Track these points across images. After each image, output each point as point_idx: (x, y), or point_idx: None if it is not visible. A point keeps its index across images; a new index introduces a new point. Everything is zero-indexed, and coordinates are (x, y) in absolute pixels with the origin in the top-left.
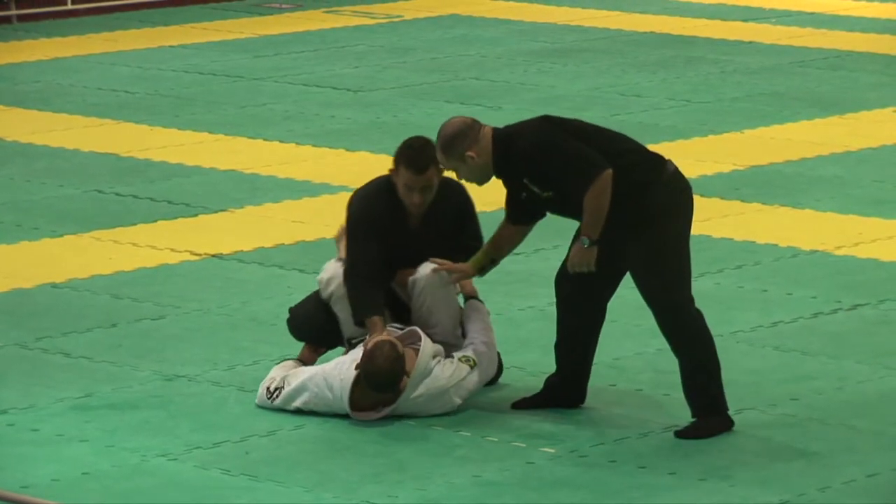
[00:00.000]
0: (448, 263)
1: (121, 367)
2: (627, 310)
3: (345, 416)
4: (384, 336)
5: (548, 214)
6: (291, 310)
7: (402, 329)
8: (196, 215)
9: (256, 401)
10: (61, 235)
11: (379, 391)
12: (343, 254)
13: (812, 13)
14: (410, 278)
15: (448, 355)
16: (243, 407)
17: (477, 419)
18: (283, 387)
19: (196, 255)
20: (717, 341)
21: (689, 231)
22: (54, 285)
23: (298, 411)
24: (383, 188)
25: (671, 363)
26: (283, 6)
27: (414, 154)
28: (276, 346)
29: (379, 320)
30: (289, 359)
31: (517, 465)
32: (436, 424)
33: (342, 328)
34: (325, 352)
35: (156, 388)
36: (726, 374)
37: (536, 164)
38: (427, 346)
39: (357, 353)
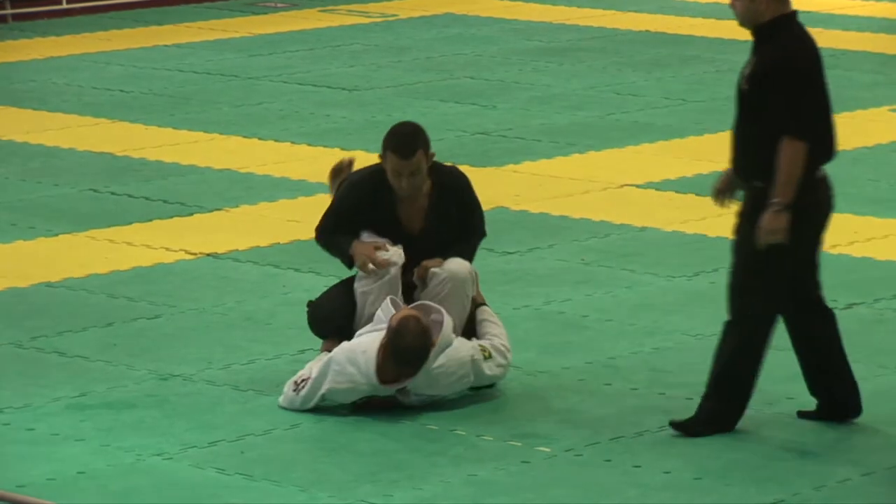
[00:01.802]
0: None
1: (116, 366)
2: (623, 309)
3: (340, 413)
4: (407, 311)
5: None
6: (311, 304)
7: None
8: (191, 214)
9: (281, 401)
10: (56, 235)
11: (407, 366)
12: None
13: (807, 12)
14: (433, 269)
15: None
16: (238, 406)
17: (472, 418)
18: (309, 376)
19: (191, 254)
20: (713, 340)
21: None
22: (49, 284)
23: (302, 405)
24: (374, 175)
25: (667, 362)
26: (278, 5)
27: (400, 140)
28: (271, 345)
29: (357, 241)
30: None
31: (512, 465)
32: (431, 424)
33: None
34: None
35: (151, 388)
36: None
37: (767, 75)
38: (448, 319)
39: (373, 329)
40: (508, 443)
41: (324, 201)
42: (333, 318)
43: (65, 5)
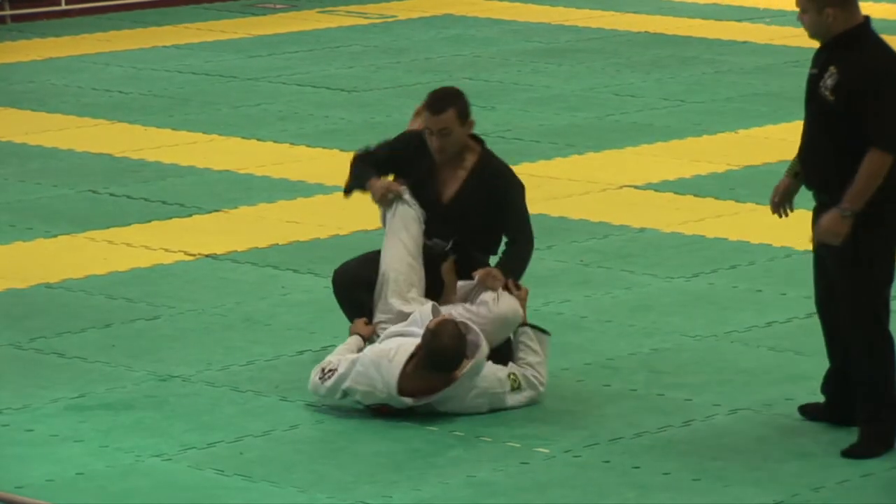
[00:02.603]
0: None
1: (115, 367)
2: (622, 310)
3: (339, 414)
4: (446, 316)
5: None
6: (337, 270)
7: (440, 311)
8: (190, 215)
9: (309, 386)
10: (56, 236)
11: (439, 370)
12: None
13: None
14: (487, 292)
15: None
16: (237, 407)
17: (471, 419)
18: (336, 368)
19: (190, 255)
20: (712, 341)
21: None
22: (48, 285)
23: (299, 406)
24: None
25: (665, 363)
26: (277, 6)
27: (433, 97)
28: (270, 346)
29: (374, 181)
30: (352, 336)
31: (511, 466)
32: (430, 425)
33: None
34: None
35: (150, 389)
36: (721, 374)
37: (859, 84)
38: (484, 343)
39: (405, 330)
40: (507, 444)
41: (322, 202)
42: (356, 284)
43: (64, 6)
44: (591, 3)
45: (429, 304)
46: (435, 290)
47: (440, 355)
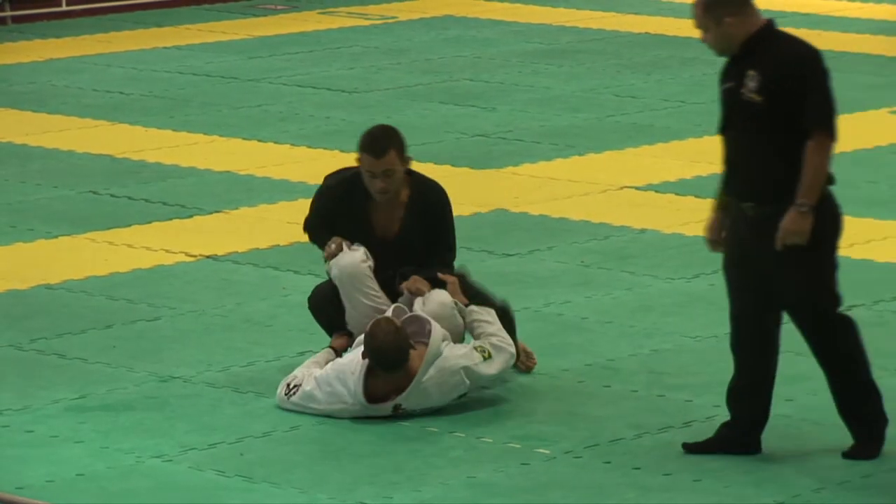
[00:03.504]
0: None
1: (116, 368)
2: (622, 311)
3: (344, 419)
4: (379, 316)
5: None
6: (314, 290)
7: (406, 311)
8: (191, 216)
9: (277, 398)
10: (56, 237)
11: (389, 369)
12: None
13: (806, 14)
14: (420, 298)
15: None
16: (238, 408)
17: (471, 420)
18: (301, 385)
19: (191, 256)
20: (712, 342)
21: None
22: (49, 286)
23: (297, 410)
24: (349, 180)
25: (666, 364)
26: (278, 7)
27: (371, 139)
28: (270, 347)
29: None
30: (325, 349)
31: (512, 467)
32: (431, 426)
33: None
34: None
35: (151, 390)
36: (721, 375)
37: (791, 67)
38: (437, 329)
39: (360, 350)
40: (508, 444)
41: None
42: (326, 309)
43: (64, 7)
44: (592, 4)
45: (390, 308)
46: None
47: (381, 353)
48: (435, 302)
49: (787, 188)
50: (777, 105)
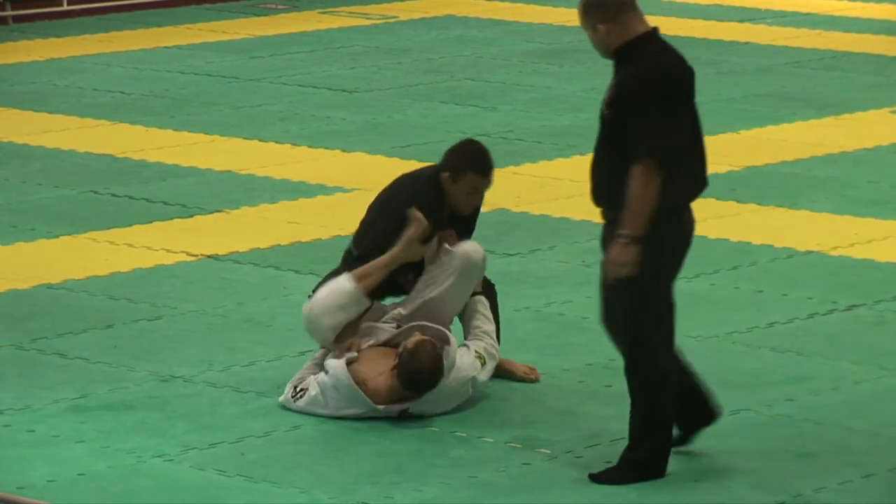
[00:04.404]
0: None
1: (117, 367)
2: None
3: (345, 418)
4: (423, 336)
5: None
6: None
7: (396, 327)
8: (192, 216)
9: (281, 399)
10: (57, 236)
11: (416, 391)
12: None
13: (808, 14)
14: (447, 245)
15: (462, 345)
16: (239, 408)
17: (473, 420)
18: (307, 389)
19: (192, 255)
20: (713, 342)
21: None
22: (50, 286)
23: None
24: (434, 184)
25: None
26: (279, 7)
27: (482, 159)
28: (271, 346)
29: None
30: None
31: (513, 467)
32: (432, 426)
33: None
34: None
35: (152, 389)
36: (722, 375)
37: (622, 97)
38: (453, 340)
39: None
40: (509, 445)
41: (323, 203)
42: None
43: (65, 7)
44: None
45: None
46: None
47: (419, 375)
48: (471, 244)
49: (620, 203)
50: (619, 120)
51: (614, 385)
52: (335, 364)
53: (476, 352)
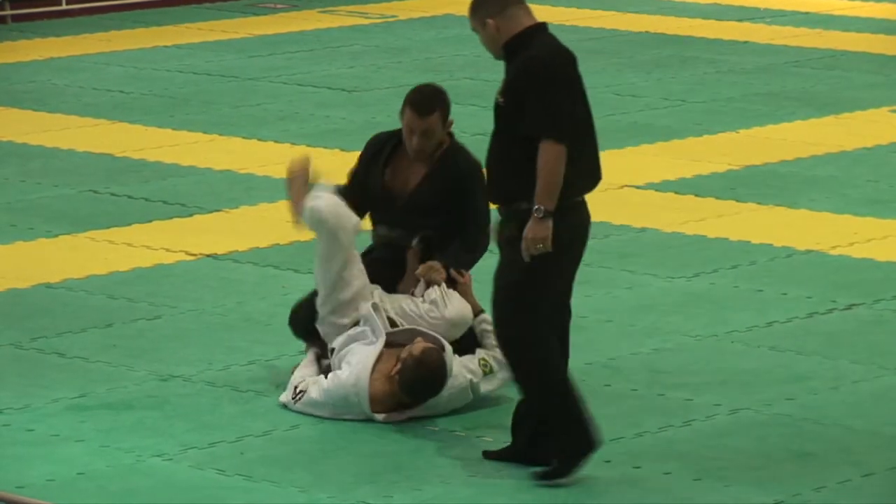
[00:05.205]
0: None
1: (116, 367)
2: (622, 310)
3: (347, 420)
4: (427, 343)
5: None
6: (293, 309)
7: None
8: (191, 215)
9: (281, 398)
10: (56, 236)
11: (418, 398)
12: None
13: (807, 13)
14: (433, 289)
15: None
16: (238, 407)
17: (472, 419)
18: (306, 391)
19: (191, 255)
20: (713, 341)
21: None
22: (49, 285)
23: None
24: (394, 132)
25: (666, 363)
26: (278, 6)
27: (419, 98)
28: (271, 346)
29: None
30: (309, 351)
31: (512, 466)
32: (431, 425)
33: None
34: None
35: (151, 389)
36: (722, 374)
37: (521, 80)
38: (449, 348)
39: (354, 340)
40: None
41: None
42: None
43: (64, 6)
44: (592, 3)
45: (368, 303)
46: (396, 284)
47: (423, 383)
48: (458, 311)
49: (518, 193)
50: (511, 110)
51: (613, 384)
52: (359, 371)
53: (483, 359)
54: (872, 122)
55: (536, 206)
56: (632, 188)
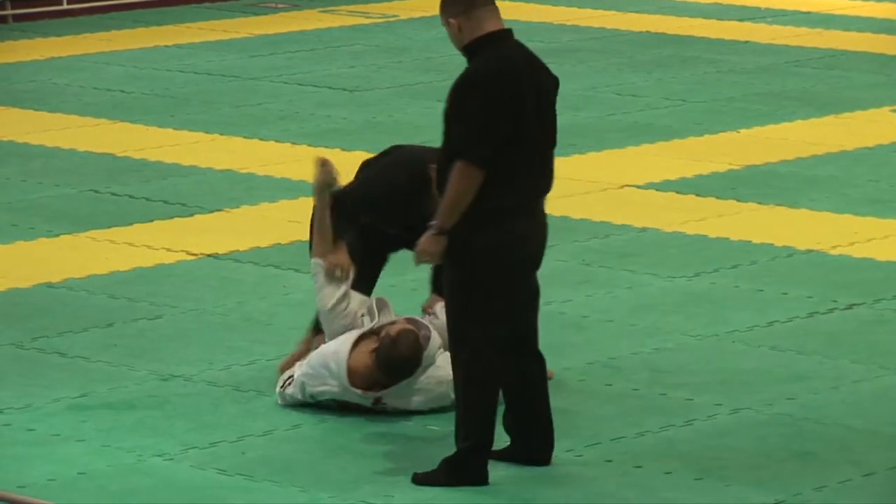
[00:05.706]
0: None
1: (117, 366)
2: (623, 310)
3: (341, 414)
4: (407, 325)
5: None
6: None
7: (387, 302)
8: (192, 215)
9: (277, 398)
10: (57, 235)
11: (392, 378)
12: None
13: (807, 13)
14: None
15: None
16: (239, 407)
17: None
18: (293, 375)
19: (192, 254)
20: (713, 341)
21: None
22: (50, 285)
23: (300, 406)
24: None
25: (667, 363)
26: (279, 6)
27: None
28: (271, 345)
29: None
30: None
31: (512, 465)
32: (431, 424)
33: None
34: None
35: (152, 388)
36: (722, 374)
37: (456, 92)
38: (435, 337)
39: (345, 335)
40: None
41: None
42: None
43: (65, 6)
44: (593, 2)
45: (373, 299)
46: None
47: (396, 363)
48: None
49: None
50: (447, 119)
51: (614, 384)
52: (343, 339)
53: None
54: (873, 122)
55: (433, 223)
56: (632, 188)
